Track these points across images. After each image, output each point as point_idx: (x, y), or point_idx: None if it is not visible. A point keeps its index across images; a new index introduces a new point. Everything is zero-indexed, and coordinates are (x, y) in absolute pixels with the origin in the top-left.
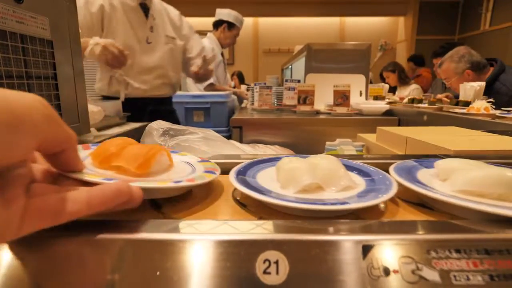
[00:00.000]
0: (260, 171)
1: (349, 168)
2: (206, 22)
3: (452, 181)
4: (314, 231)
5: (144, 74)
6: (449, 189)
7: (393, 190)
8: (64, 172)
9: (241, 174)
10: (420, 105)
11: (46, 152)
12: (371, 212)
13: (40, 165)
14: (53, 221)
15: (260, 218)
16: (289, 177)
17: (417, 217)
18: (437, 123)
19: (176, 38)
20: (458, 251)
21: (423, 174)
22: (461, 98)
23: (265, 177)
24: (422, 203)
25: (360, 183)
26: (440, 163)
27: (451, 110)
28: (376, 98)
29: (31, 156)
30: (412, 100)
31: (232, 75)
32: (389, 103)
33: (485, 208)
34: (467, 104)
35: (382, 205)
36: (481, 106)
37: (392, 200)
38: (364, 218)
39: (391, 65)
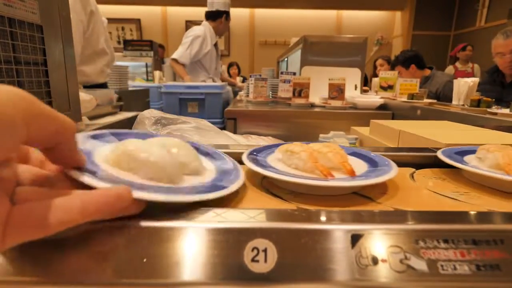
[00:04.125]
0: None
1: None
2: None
3: None
4: (303, 220)
5: None
6: None
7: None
8: (65, 168)
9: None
10: (497, 111)
11: (37, 147)
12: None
13: (29, 166)
14: (40, 233)
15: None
16: None
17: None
18: (429, 117)
19: None
20: (446, 241)
21: None
22: (454, 94)
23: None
24: None
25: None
26: None
27: None
28: (412, 97)
29: (15, 156)
30: (478, 103)
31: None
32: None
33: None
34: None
35: None
36: None
37: None
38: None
39: (388, 56)
